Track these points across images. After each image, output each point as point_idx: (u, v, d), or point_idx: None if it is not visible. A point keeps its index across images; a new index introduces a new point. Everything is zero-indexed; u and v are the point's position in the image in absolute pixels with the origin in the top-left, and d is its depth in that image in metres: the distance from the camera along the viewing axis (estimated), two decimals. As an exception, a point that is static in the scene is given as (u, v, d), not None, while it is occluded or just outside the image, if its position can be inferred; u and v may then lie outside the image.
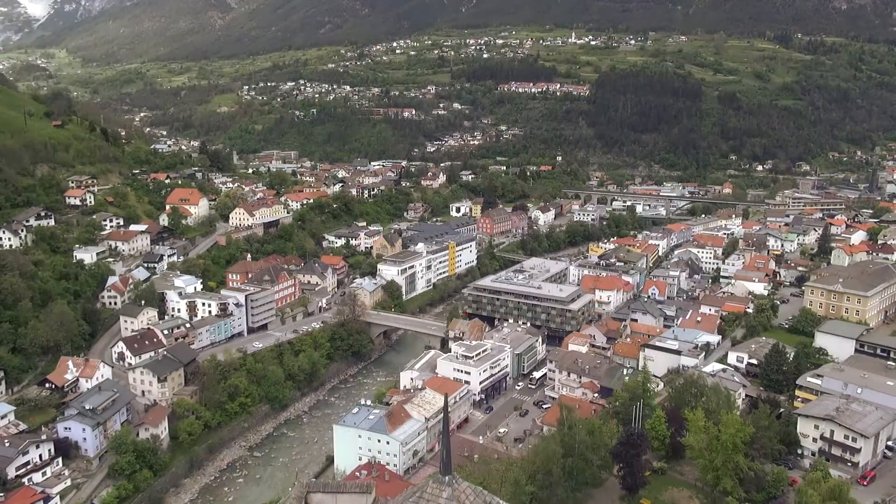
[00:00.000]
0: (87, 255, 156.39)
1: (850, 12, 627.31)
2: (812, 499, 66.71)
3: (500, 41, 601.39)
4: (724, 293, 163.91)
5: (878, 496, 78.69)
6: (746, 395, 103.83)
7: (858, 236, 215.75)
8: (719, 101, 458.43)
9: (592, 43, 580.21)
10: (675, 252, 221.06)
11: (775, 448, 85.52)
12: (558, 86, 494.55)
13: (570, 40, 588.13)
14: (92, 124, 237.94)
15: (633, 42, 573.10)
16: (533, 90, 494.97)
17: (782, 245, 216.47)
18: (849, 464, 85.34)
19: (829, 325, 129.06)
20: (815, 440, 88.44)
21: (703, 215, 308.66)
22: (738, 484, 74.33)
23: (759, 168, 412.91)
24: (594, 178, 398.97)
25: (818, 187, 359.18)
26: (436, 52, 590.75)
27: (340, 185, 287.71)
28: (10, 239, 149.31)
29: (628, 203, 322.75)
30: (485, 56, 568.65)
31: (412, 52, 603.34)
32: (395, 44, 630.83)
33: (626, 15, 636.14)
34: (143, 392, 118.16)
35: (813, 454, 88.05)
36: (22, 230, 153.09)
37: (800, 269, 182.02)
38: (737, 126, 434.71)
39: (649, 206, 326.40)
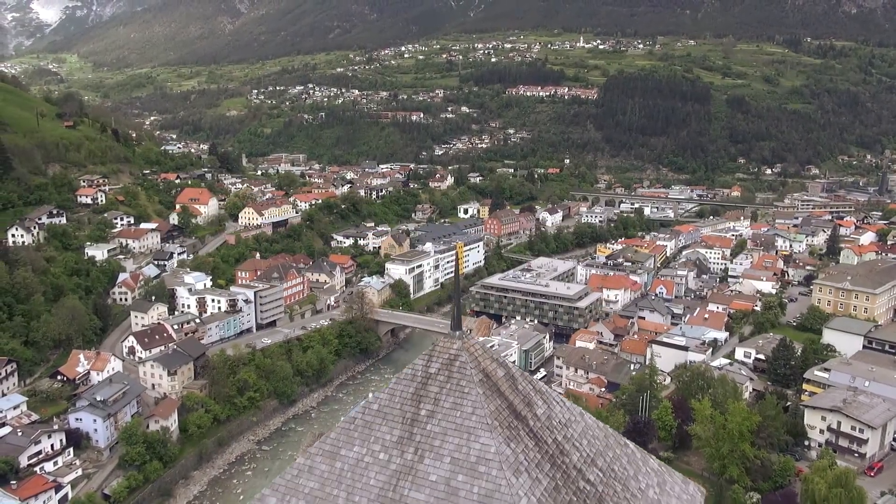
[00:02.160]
0: (98, 252, 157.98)
1: (860, 16, 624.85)
2: (818, 486, 66.87)
3: (508, 45, 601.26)
4: (732, 291, 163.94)
5: (885, 486, 78.74)
6: (753, 389, 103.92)
7: (868, 237, 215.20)
8: (728, 105, 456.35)
9: (601, 47, 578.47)
10: (683, 253, 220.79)
11: (782, 438, 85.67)
12: (566, 89, 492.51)
13: (578, 44, 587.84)
14: (103, 125, 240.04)
15: (641, 46, 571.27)
16: (541, 94, 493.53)
17: (791, 245, 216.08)
18: (856, 454, 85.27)
19: (837, 321, 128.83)
20: (822, 431, 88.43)
21: (711, 217, 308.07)
22: (745, 472, 74.61)
23: (768, 171, 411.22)
24: (602, 180, 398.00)
25: (827, 190, 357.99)
26: (444, 56, 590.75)
27: (349, 186, 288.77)
28: (22, 236, 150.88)
29: (636, 205, 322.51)
30: (493, 60, 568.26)
31: (420, 57, 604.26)
32: (403, 48, 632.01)
33: (634, 19, 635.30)
34: (153, 385, 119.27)
35: (820, 445, 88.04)
36: (34, 227, 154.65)
37: (808, 268, 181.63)
38: (745, 129, 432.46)
39: (657, 208, 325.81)
